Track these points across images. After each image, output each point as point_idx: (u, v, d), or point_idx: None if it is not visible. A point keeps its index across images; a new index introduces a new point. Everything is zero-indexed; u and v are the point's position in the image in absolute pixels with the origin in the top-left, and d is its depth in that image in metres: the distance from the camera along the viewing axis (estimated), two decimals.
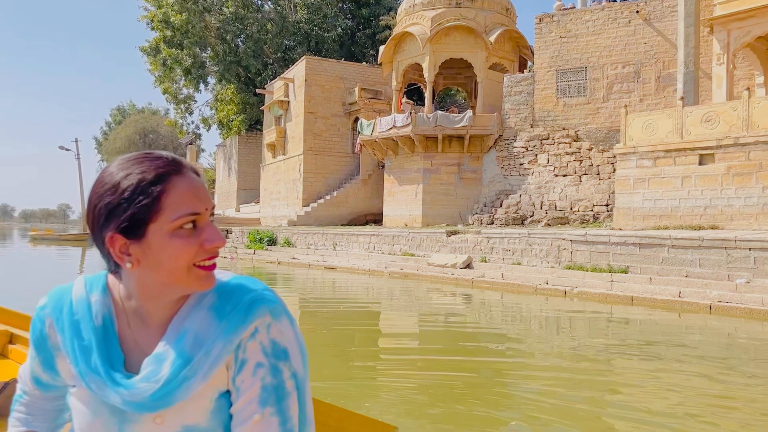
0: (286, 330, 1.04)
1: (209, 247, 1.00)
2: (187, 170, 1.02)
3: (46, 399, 1.22)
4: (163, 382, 1.00)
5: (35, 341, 1.13)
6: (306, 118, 28.72)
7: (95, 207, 1.00)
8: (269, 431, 1.00)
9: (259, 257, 22.18)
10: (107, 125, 75.41)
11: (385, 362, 6.49)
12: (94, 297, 1.08)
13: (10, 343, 3.15)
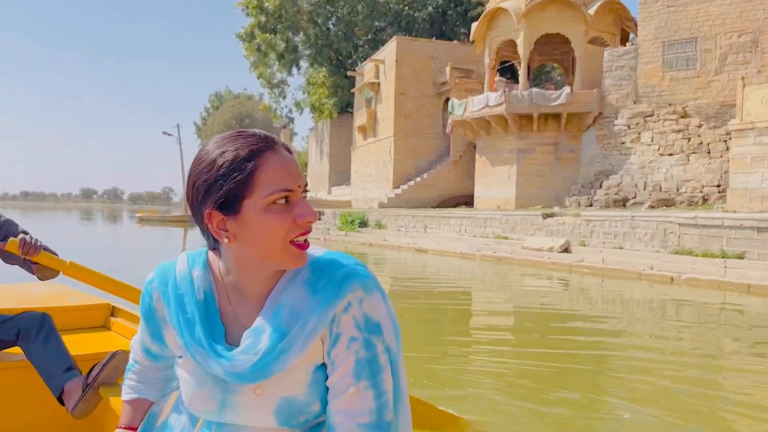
0: (378, 305, 1.05)
1: (301, 222, 1.01)
2: (279, 147, 1.03)
3: (155, 368, 1.29)
4: (261, 355, 1.02)
5: (144, 314, 1.19)
6: (396, 99, 28.60)
7: (194, 184, 1.03)
8: (364, 404, 1.02)
9: (351, 239, 22.42)
10: (206, 111, 78.63)
11: (476, 344, 6.28)
12: (196, 272, 1.12)
13: (112, 316, 3.28)
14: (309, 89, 41.17)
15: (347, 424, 1.02)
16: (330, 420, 1.05)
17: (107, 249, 20.10)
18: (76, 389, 2.24)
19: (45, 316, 2.47)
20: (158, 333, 1.19)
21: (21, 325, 2.42)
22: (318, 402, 1.07)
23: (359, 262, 1.08)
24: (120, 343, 2.97)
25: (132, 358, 1.33)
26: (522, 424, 3.71)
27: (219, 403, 1.09)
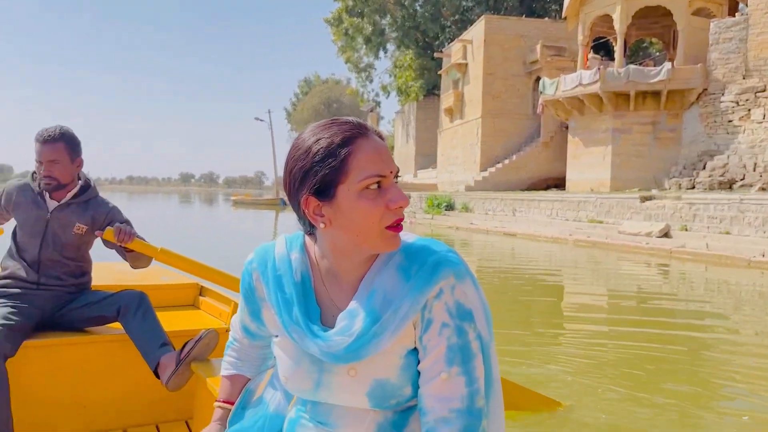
0: (470, 292, 1.06)
1: (394, 206, 1.02)
2: (372, 133, 1.06)
3: (252, 347, 1.36)
4: (355, 337, 1.05)
5: (245, 293, 1.24)
6: (484, 79, 28.04)
7: (291, 171, 1.07)
8: (455, 390, 1.03)
9: (437, 222, 22.28)
10: (295, 96, 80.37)
11: (568, 329, 6.05)
12: (294, 255, 1.16)
13: (201, 295, 3.43)
14: (395, 72, 41.12)
15: (439, 409, 1.04)
16: (422, 404, 1.06)
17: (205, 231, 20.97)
18: (170, 363, 2.37)
19: (142, 294, 2.59)
20: (257, 312, 1.24)
21: (121, 302, 2.56)
22: (409, 385, 1.08)
23: (451, 249, 1.09)
24: (208, 321, 3.08)
25: (231, 336, 1.39)
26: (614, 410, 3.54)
27: (314, 383, 1.12)
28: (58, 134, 2.58)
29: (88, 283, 2.78)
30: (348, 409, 1.12)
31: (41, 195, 2.66)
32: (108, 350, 2.71)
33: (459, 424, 1.02)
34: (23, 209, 2.64)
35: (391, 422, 1.11)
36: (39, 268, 2.62)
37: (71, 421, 2.67)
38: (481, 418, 1.04)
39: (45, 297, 2.61)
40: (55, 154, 2.56)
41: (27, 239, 2.64)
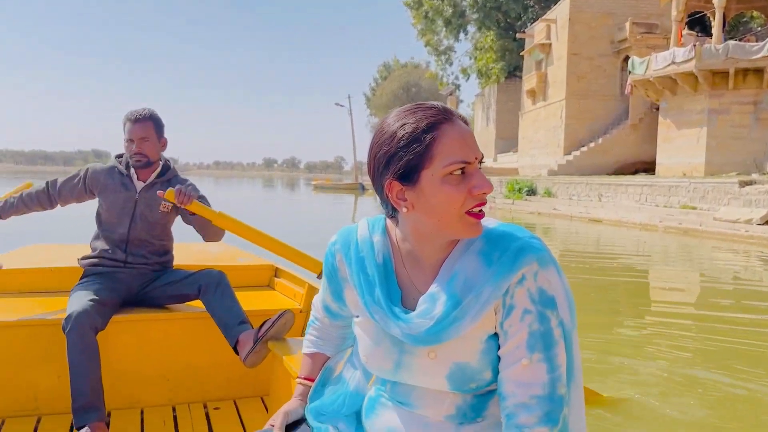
0: (553, 279, 1.05)
1: (477, 193, 1.02)
2: (457, 119, 1.05)
3: (333, 326, 1.39)
4: (436, 320, 1.06)
5: (327, 273, 1.27)
6: (569, 60, 27.08)
7: (375, 156, 1.08)
8: (537, 376, 1.03)
9: (518, 207, 21.82)
10: (374, 81, 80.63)
11: (653, 320, 5.76)
12: (376, 237, 1.18)
13: (276, 277, 3.51)
14: (476, 54, 40.42)
15: (519, 394, 1.03)
16: (501, 389, 1.06)
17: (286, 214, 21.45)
18: (248, 341, 2.45)
19: (222, 274, 2.69)
20: (339, 292, 1.26)
21: (202, 281, 2.66)
22: (489, 370, 1.08)
23: (534, 235, 1.08)
24: (283, 302, 3.14)
25: (312, 315, 1.44)
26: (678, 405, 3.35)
27: (394, 363, 1.14)
28: (147, 114, 2.72)
29: (170, 262, 2.91)
30: (427, 390, 1.13)
31: (129, 177, 2.79)
32: (189, 327, 2.82)
33: (540, 411, 1.02)
34: (112, 191, 2.76)
35: (471, 405, 1.12)
36: (126, 248, 2.76)
37: (155, 392, 2.80)
38: (563, 406, 1.04)
39: (131, 275, 2.75)
40: (145, 131, 2.69)
41: (116, 220, 2.76)
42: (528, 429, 1.02)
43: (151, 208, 2.76)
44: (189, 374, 2.84)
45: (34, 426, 2.59)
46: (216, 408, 2.82)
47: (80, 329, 2.41)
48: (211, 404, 2.85)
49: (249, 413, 2.78)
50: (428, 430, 1.14)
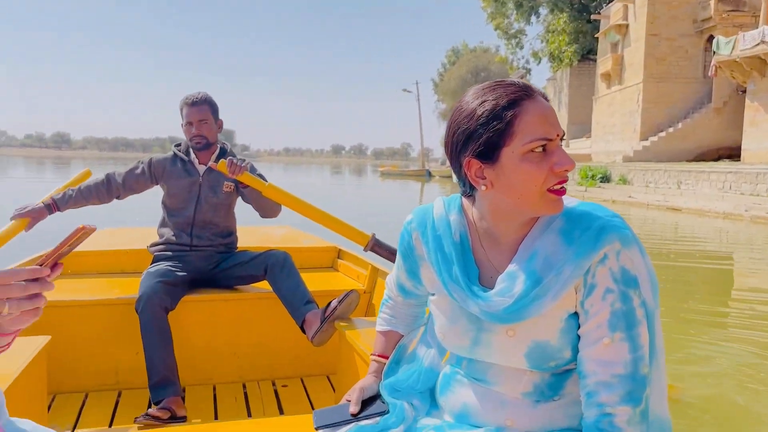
0: (636, 258, 1.03)
1: (559, 170, 1.01)
2: (537, 95, 1.03)
3: (406, 305, 1.40)
4: (515, 298, 1.05)
5: (403, 252, 1.27)
6: (647, 41, 25.92)
7: (453, 134, 1.07)
8: (619, 355, 1.01)
9: (591, 195, 21.14)
10: (443, 66, 79.85)
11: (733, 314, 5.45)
12: (453, 216, 1.17)
13: (339, 258, 3.56)
14: (547, 37, 39.30)
15: (601, 373, 1.02)
16: (582, 367, 1.06)
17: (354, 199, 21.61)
18: (315, 320, 2.49)
19: (287, 255, 2.75)
20: (414, 270, 1.27)
21: (268, 262, 2.72)
22: (569, 349, 1.08)
23: (616, 214, 1.06)
24: (346, 283, 3.20)
25: (386, 294, 1.44)
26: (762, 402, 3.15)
27: (471, 340, 1.14)
28: (203, 97, 2.81)
29: (234, 243, 2.98)
30: (505, 367, 1.13)
31: (190, 162, 2.88)
32: (257, 307, 2.89)
33: (621, 390, 1.01)
34: (176, 177, 2.86)
35: (548, 383, 1.11)
36: (192, 231, 2.85)
37: (226, 370, 2.89)
38: (645, 386, 1.02)
39: (198, 257, 2.83)
40: (203, 114, 2.78)
41: (182, 205, 2.85)
42: (609, 407, 1.01)
43: (214, 190, 2.84)
44: (258, 352, 2.92)
45: (116, 399, 2.70)
46: (284, 385, 2.88)
47: (151, 310, 2.51)
48: (279, 382, 2.91)
49: (316, 391, 2.83)
50: (504, 407, 1.13)
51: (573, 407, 1.11)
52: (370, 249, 2.84)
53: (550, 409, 1.11)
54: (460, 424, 1.17)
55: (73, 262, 3.17)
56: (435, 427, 1.17)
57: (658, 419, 1.07)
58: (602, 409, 1.02)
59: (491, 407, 1.14)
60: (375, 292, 3.02)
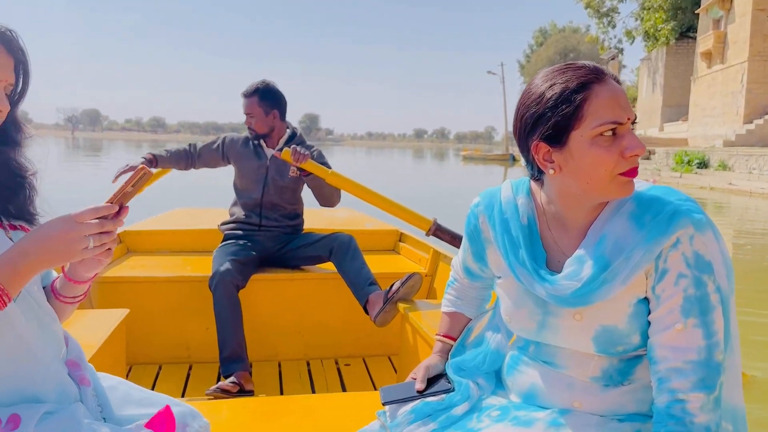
0: (710, 243, 1.01)
1: (629, 155, 0.99)
2: (609, 78, 1.02)
3: (471, 287, 1.41)
4: (583, 282, 1.04)
5: (469, 234, 1.28)
6: (754, 16, 24.17)
7: (522, 117, 1.07)
8: (692, 342, 1.00)
9: (687, 181, 19.96)
10: (529, 48, 77.68)
11: None
12: (520, 199, 1.17)
13: (400, 241, 3.62)
14: (642, 15, 37.27)
15: (673, 359, 1.01)
16: (653, 353, 1.04)
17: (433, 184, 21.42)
18: (378, 301, 2.56)
19: (351, 237, 2.83)
20: (481, 253, 1.27)
21: (333, 243, 2.81)
22: (638, 334, 1.06)
23: (690, 198, 1.04)
24: (408, 266, 3.26)
25: (452, 276, 1.46)
26: None
27: (538, 324, 1.14)
28: (252, 89, 2.88)
29: (301, 225, 3.07)
30: (573, 351, 1.13)
31: (260, 146, 2.98)
32: (321, 287, 2.98)
33: (694, 376, 0.99)
34: (245, 159, 2.98)
35: (617, 368, 1.10)
36: (261, 212, 2.94)
37: (291, 347, 2.99)
38: (720, 373, 1.00)
39: (266, 237, 2.93)
40: (250, 107, 2.88)
41: (250, 186, 2.97)
42: (682, 393, 0.99)
43: (281, 174, 2.91)
44: (322, 331, 3.00)
45: (187, 372, 2.82)
46: (347, 364, 2.96)
47: (224, 286, 2.60)
48: (342, 360, 2.99)
49: (378, 371, 2.89)
50: (573, 389, 1.12)
51: (642, 393, 1.10)
52: (432, 234, 2.86)
53: (618, 394, 1.10)
54: (527, 404, 1.17)
55: (149, 240, 3.37)
56: (501, 407, 1.18)
57: (731, 406, 1.05)
58: (674, 395, 1.00)
59: (558, 389, 1.14)
60: (437, 275, 3.05)
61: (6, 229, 1.09)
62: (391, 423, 1.25)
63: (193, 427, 1.17)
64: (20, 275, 0.93)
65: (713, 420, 0.99)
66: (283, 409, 1.75)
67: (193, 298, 2.83)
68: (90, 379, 1.16)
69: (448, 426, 1.18)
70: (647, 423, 1.09)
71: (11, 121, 1.10)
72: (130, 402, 1.17)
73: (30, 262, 0.93)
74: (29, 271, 0.94)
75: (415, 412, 1.22)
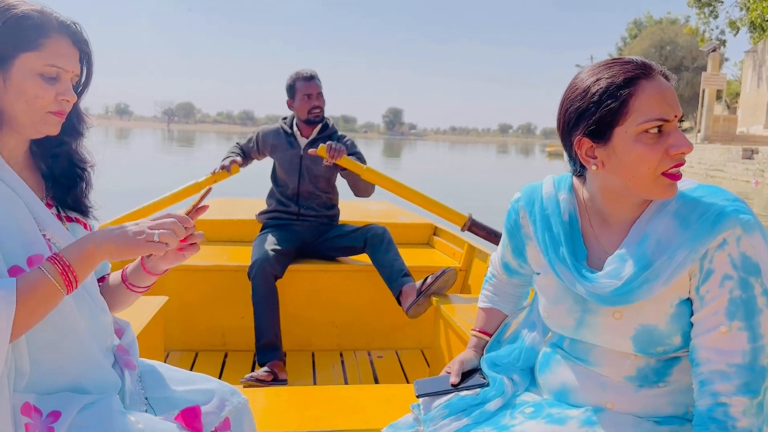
0: (758, 245, 0.99)
1: (675, 153, 0.98)
2: (657, 74, 1.01)
3: (509, 284, 1.40)
4: (625, 281, 1.03)
5: (509, 230, 1.27)
6: None
7: (566, 111, 1.07)
8: (737, 345, 0.98)
9: None
10: (622, 41, 74.51)
11: None
12: (562, 195, 1.16)
13: (435, 235, 3.62)
14: (749, 4, 34.83)
15: (716, 361, 0.99)
16: (695, 355, 1.02)
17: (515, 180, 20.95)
18: (411, 293, 2.56)
19: (385, 229, 2.86)
20: (520, 249, 1.27)
21: (367, 235, 2.83)
22: (679, 335, 1.05)
23: (738, 198, 1.02)
24: (441, 260, 3.22)
25: (490, 272, 1.45)
26: None
27: (576, 321, 1.13)
28: (315, 72, 2.93)
29: (337, 216, 3.10)
30: (608, 350, 1.11)
31: (293, 135, 3.00)
32: (356, 278, 3.00)
33: (738, 380, 0.97)
34: (281, 150, 3.04)
35: (654, 369, 1.08)
36: (298, 201, 2.97)
37: (325, 338, 3.01)
38: (765, 377, 0.97)
39: (304, 226, 2.96)
40: (320, 87, 2.92)
41: (286, 176, 3.00)
42: (725, 397, 0.97)
43: (315, 163, 2.92)
44: (355, 323, 3.02)
45: (222, 360, 2.85)
46: (379, 356, 2.97)
47: (263, 276, 2.62)
48: (375, 353, 3.00)
49: (410, 364, 2.89)
50: (605, 389, 1.11)
51: (679, 395, 1.08)
52: (467, 229, 2.84)
53: (653, 395, 1.08)
54: (559, 402, 1.16)
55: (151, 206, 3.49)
56: (534, 404, 1.17)
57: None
58: (717, 399, 0.98)
59: (591, 388, 1.13)
60: (471, 270, 3.05)
61: (63, 221, 1.12)
62: (425, 416, 1.23)
63: (232, 402, 1.21)
64: (89, 262, 0.98)
65: (756, 425, 0.97)
66: (316, 399, 1.76)
67: (230, 287, 2.86)
68: (136, 364, 1.22)
69: (481, 422, 1.17)
70: (685, 426, 1.07)
71: (74, 112, 1.13)
72: (171, 381, 1.22)
73: (100, 251, 0.99)
74: (99, 258, 0.99)
75: (449, 406, 1.21)
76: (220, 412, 1.18)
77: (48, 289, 0.94)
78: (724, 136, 29.38)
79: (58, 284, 0.95)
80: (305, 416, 1.63)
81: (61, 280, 0.95)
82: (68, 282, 0.96)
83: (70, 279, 0.96)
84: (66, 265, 0.96)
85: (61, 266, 0.96)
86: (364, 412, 1.65)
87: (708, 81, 30.11)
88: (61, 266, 0.96)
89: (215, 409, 1.17)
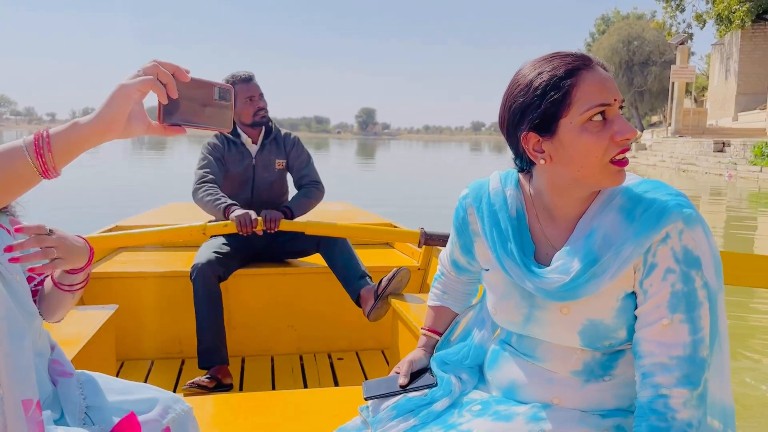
0: (699, 239, 1.01)
1: (620, 139, 1.00)
2: (596, 65, 1.03)
3: (458, 281, 1.41)
4: (572, 276, 1.03)
5: (457, 227, 1.27)
6: None
7: (510, 107, 1.06)
8: (678, 337, 1.00)
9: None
10: (591, 36, 75.17)
11: None
12: (509, 191, 1.17)
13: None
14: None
15: (658, 354, 1.00)
16: (638, 347, 1.03)
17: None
18: (369, 297, 2.53)
19: None
20: (468, 246, 1.27)
21: (320, 236, 2.71)
22: (624, 329, 1.06)
23: (680, 193, 1.03)
24: (400, 259, 3.24)
25: (439, 270, 1.45)
26: None
27: (524, 317, 1.13)
28: (252, 74, 2.76)
29: None
30: (555, 345, 1.12)
31: (243, 144, 2.83)
32: (313, 281, 2.95)
33: (679, 372, 0.98)
34: (231, 163, 2.81)
35: (599, 362, 1.09)
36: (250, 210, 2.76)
37: (284, 342, 2.97)
38: (704, 369, 1.00)
39: (257, 236, 2.74)
40: (260, 88, 2.77)
41: (238, 188, 2.81)
42: (666, 389, 0.99)
43: (267, 170, 2.83)
44: (314, 326, 2.99)
45: (179, 367, 2.81)
46: (339, 358, 2.95)
47: (203, 278, 2.52)
48: (335, 354, 2.99)
49: (370, 364, 2.88)
50: (552, 384, 1.11)
51: (623, 388, 1.09)
52: (424, 244, 2.77)
53: (598, 389, 1.09)
54: (507, 399, 1.16)
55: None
56: (482, 402, 1.16)
57: (720, 404, 1.04)
58: (658, 390, 0.99)
59: (538, 384, 1.12)
60: (430, 269, 3.02)
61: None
62: (372, 418, 1.21)
63: (174, 409, 1.18)
64: (72, 148, 0.87)
65: (696, 416, 0.99)
66: (268, 405, 1.73)
67: (183, 293, 2.78)
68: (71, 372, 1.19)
69: (429, 422, 1.16)
70: (628, 418, 1.07)
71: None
72: (110, 392, 1.19)
73: (84, 132, 0.87)
74: (84, 141, 0.87)
75: (397, 407, 1.20)
76: (162, 419, 1.15)
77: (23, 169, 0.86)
78: (695, 129, 29.57)
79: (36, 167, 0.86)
80: (254, 423, 1.59)
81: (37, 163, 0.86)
82: (44, 169, 0.86)
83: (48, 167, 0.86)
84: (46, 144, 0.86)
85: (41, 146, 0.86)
86: (320, 417, 1.61)
87: (677, 74, 30.27)
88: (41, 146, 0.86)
89: (157, 416, 1.15)
